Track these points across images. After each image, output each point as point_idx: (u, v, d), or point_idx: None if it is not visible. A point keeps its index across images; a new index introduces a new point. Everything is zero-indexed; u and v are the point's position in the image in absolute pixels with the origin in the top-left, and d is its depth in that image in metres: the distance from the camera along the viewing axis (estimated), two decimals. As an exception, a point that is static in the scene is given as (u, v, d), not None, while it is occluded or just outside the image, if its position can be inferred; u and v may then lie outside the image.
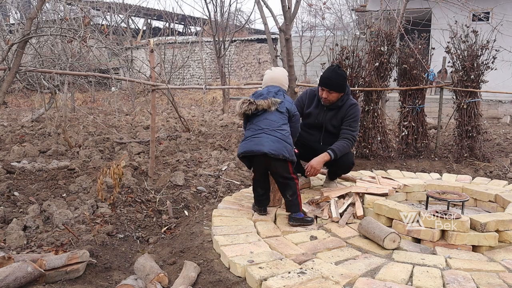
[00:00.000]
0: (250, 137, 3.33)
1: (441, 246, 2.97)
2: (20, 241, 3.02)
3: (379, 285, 2.36)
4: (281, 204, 3.77)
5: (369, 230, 3.03)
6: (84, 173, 4.84)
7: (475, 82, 5.81)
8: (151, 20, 24.87)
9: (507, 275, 2.54)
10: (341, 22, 23.81)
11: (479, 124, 5.96)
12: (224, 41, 12.39)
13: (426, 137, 6.24)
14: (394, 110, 8.00)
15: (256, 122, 3.37)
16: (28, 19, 3.86)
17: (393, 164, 5.74)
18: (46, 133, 7.96)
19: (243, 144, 3.35)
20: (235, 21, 21.03)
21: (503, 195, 3.76)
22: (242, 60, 22.75)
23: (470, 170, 5.60)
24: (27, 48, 4.32)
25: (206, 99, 17.27)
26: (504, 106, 12.21)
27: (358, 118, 4.09)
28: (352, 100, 4.07)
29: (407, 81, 6.05)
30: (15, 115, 11.48)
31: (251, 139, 3.31)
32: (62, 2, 5.12)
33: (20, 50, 3.78)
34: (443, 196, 3.47)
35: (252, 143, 3.28)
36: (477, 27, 5.82)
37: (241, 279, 2.55)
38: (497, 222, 3.03)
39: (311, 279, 2.41)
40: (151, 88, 4.53)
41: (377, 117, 5.92)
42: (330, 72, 3.90)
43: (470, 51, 5.73)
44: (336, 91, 3.89)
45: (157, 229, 3.60)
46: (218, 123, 9.86)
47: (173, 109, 10.12)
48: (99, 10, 15.48)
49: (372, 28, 6.03)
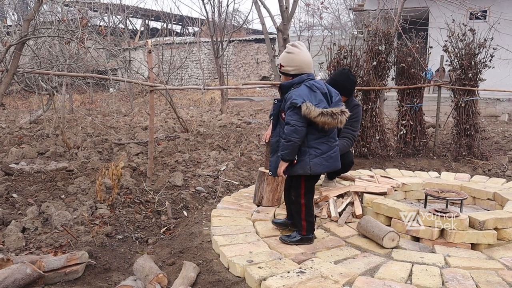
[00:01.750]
0: (328, 153, 2.84)
1: (440, 244, 2.98)
2: (19, 242, 3.02)
3: (378, 284, 2.36)
4: (280, 203, 3.77)
5: (368, 229, 3.03)
6: (83, 174, 4.83)
7: (473, 80, 5.82)
8: (148, 21, 24.87)
9: (506, 272, 2.55)
10: (338, 22, 23.83)
11: (477, 123, 5.97)
12: (222, 41, 12.38)
13: (424, 135, 6.25)
14: (393, 109, 8.01)
15: (331, 134, 2.87)
16: (26, 21, 3.85)
17: (391, 163, 5.75)
18: (44, 135, 7.95)
19: (323, 161, 2.82)
20: (233, 21, 21.00)
21: (501, 193, 3.77)
22: (240, 60, 22.76)
23: (468, 169, 5.61)
24: (24, 50, 4.31)
25: (205, 99, 17.26)
26: (502, 104, 12.23)
27: (360, 118, 4.18)
28: (355, 101, 4.19)
29: (405, 80, 6.06)
30: (13, 117, 11.46)
31: (330, 156, 2.84)
32: (59, 4, 5.11)
33: (17, 52, 3.77)
34: (442, 194, 3.47)
35: (332, 161, 2.86)
36: (474, 26, 5.84)
37: (240, 279, 2.55)
38: (496, 220, 3.04)
39: (310, 278, 2.41)
40: (149, 89, 4.52)
41: (376, 116, 5.92)
42: (343, 76, 3.94)
43: (468, 49, 5.74)
44: (344, 95, 3.91)
45: (156, 229, 3.60)
46: (216, 124, 9.85)
47: (172, 110, 10.11)
48: (97, 11, 15.48)
49: (369, 27, 6.02)
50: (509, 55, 7.56)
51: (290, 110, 2.71)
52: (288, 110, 2.73)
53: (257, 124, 9.70)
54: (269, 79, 19.52)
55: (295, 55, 2.83)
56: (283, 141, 2.74)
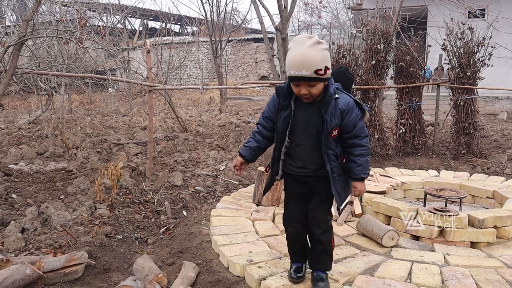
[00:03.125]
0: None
1: (440, 243, 2.98)
2: (18, 243, 3.01)
3: (378, 282, 2.36)
4: (279, 203, 3.77)
5: (367, 228, 3.03)
6: (82, 174, 4.83)
7: (471, 79, 5.83)
8: (147, 20, 24.85)
9: (505, 270, 2.55)
10: (337, 21, 23.83)
11: (476, 121, 5.98)
12: (220, 41, 12.38)
13: (423, 134, 6.25)
14: (391, 108, 8.02)
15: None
16: (24, 21, 3.85)
17: (391, 162, 5.75)
18: (44, 135, 7.94)
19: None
20: (232, 20, 21.01)
21: (500, 191, 3.77)
22: (239, 59, 22.75)
23: (467, 167, 5.62)
24: (23, 50, 4.30)
25: (204, 99, 17.25)
26: (501, 103, 12.24)
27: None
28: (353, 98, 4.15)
29: (404, 78, 6.06)
30: (12, 117, 11.45)
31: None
32: (58, 4, 5.10)
33: (16, 52, 3.77)
34: (441, 193, 3.47)
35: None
36: (473, 24, 5.84)
37: (240, 278, 2.55)
38: (495, 218, 3.04)
39: (310, 278, 2.41)
40: (148, 89, 4.52)
41: (375, 115, 5.93)
42: (340, 74, 3.91)
43: (466, 48, 5.75)
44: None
45: (156, 229, 3.60)
46: (215, 123, 9.85)
47: (171, 110, 10.10)
48: (95, 11, 15.45)
49: (368, 27, 6.03)
50: (507, 53, 7.55)
51: (361, 120, 2.21)
52: (359, 120, 2.19)
53: (256, 124, 9.69)
54: (268, 79, 19.51)
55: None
56: (368, 157, 2.22)
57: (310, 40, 2.07)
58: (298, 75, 2.05)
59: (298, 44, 2.07)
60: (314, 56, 2.04)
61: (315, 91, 2.12)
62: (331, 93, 2.17)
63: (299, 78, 2.07)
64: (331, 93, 2.17)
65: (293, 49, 2.09)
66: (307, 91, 2.11)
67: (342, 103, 2.18)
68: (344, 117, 2.18)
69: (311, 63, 2.03)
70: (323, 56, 2.07)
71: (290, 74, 2.09)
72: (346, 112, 2.18)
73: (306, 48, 2.04)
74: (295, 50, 2.07)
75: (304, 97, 2.14)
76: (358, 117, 2.20)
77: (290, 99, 2.22)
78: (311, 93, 2.12)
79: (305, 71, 2.03)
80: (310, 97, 2.15)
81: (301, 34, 2.18)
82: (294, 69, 2.06)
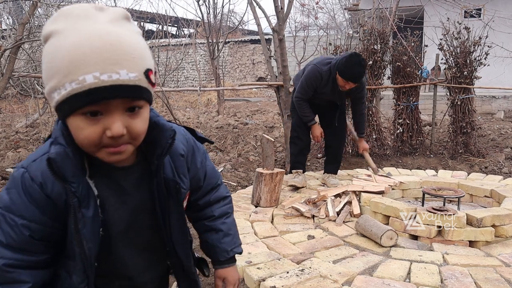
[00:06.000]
0: None
1: (438, 242, 2.99)
2: (17, 247, 3.00)
3: (377, 282, 2.37)
4: (278, 204, 3.77)
5: (366, 228, 3.04)
6: (80, 177, 4.81)
7: (468, 78, 5.84)
8: (144, 23, 24.82)
9: (504, 269, 2.56)
10: (334, 22, 23.84)
11: (473, 120, 5.99)
12: (217, 42, 12.37)
13: (421, 134, 6.26)
14: (389, 108, 8.02)
15: None
16: (21, 25, 3.85)
17: (388, 162, 5.76)
18: (41, 139, 7.92)
19: None
20: (228, 22, 21.03)
21: (498, 190, 3.78)
22: (236, 61, 22.75)
23: (465, 166, 5.63)
24: (20, 54, 4.30)
25: (201, 101, 17.25)
26: (498, 102, 12.27)
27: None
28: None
29: (401, 78, 6.08)
30: (9, 121, 11.41)
31: None
32: (54, 7, 5.09)
33: (13, 56, 3.77)
34: (439, 192, 3.48)
35: None
36: (469, 24, 5.86)
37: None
38: (493, 217, 3.05)
39: (309, 278, 2.41)
40: (145, 91, 4.50)
41: (372, 115, 5.94)
42: (362, 68, 3.93)
43: (463, 47, 5.76)
44: (360, 82, 4.09)
45: (155, 232, 3.58)
46: (213, 125, 9.84)
47: (168, 112, 10.08)
48: (92, 14, 15.42)
49: (365, 27, 6.04)
50: (504, 52, 7.59)
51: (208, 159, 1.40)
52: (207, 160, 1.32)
53: (254, 125, 9.69)
54: (265, 80, 19.53)
55: None
56: (233, 215, 1.50)
57: (106, 12, 0.91)
58: (110, 82, 0.87)
59: (82, 19, 0.88)
60: (136, 41, 0.93)
61: (140, 125, 0.97)
62: (167, 128, 1.11)
63: (109, 91, 0.87)
64: (167, 130, 1.11)
65: (72, 31, 0.87)
66: (123, 128, 0.92)
67: (181, 144, 1.18)
68: (190, 166, 1.22)
69: (135, 55, 0.91)
70: (146, 46, 0.97)
71: (84, 86, 0.86)
72: (191, 157, 1.23)
73: (110, 26, 0.89)
74: (83, 30, 0.87)
75: (115, 149, 0.94)
76: (204, 155, 1.29)
77: (84, 175, 1.00)
78: (131, 134, 0.95)
79: (128, 72, 0.89)
80: (125, 150, 0.97)
81: (74, 5, 0.95)
82: (93, 69, 0.85)
